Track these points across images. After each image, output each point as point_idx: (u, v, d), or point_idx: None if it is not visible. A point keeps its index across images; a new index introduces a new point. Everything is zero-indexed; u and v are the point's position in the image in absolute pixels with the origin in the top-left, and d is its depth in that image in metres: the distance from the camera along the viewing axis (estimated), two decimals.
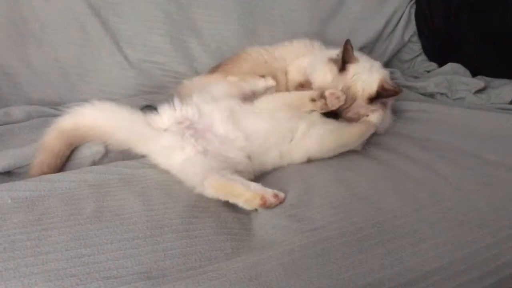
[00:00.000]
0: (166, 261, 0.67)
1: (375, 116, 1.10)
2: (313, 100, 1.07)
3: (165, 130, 0.99)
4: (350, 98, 1.11)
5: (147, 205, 0.82)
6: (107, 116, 1.00)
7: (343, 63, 1.14)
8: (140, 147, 0.99)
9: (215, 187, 0.84)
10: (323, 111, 1.08)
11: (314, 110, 1.08)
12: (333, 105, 1.07)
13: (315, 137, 1.02)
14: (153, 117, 1.01)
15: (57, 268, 0.64)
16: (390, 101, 1.20)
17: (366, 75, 1.13)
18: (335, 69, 1.15)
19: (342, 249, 0.70)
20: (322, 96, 1.07)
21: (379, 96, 1.12)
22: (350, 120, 1.12)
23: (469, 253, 0.73)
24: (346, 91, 1.11)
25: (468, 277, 0.69)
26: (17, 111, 1.28)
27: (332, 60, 1.17)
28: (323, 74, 1.16)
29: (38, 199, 0.81)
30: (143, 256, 0.68)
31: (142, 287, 0.62)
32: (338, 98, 1.07)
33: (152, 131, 0.99)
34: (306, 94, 1.10)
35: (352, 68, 1.13)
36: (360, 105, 1.12)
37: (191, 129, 0.99)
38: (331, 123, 1.07)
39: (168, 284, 0.63)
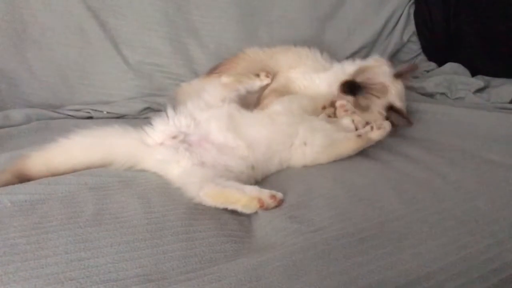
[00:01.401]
0: (166, 264, 0.67)
1: (377, 134, 1.05)
2: (323, 107, 1.17)
3: (161, 144, 0.97)
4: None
5: (146, 207, 0.81)
6: (96, 151, 0.96)
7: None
8: (138, 167, 0.97)
9: (211, 196, 0.83)
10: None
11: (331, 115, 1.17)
12: (341, 116, 1.16)
13: (310, 154, 1.01)
14: (147, 132, 0.99)
15: (57, 272, 0.63)
16: None
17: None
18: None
19: (343, 250, 0.70)
20: (332, 105, 1.17)
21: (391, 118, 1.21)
22: (361, 108, 1.19)
23: (470, 253, 0.72)
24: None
25: (469, 277, 0.69)
26: (17, 114, 1.28)
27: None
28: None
29: (38, 202, 0.81)
30: (143, 259, 0.67)
31: None
32: (346, 111, 1.16)
33: (147, 149, 0.97)
34: (319, 101, 1.19)
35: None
36: (379, 105, 1.20)
37: (186, 143, 0.97)
38: (329, 134, 1.04)
39: (168, 287, 0.62)
